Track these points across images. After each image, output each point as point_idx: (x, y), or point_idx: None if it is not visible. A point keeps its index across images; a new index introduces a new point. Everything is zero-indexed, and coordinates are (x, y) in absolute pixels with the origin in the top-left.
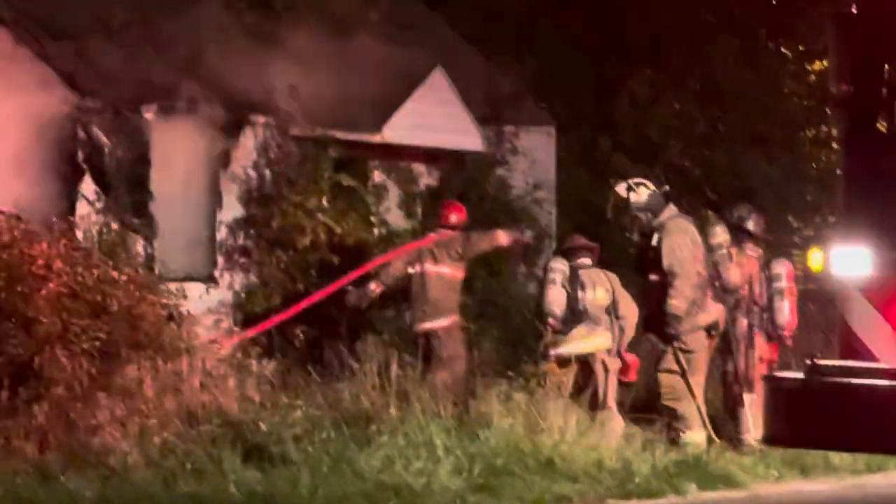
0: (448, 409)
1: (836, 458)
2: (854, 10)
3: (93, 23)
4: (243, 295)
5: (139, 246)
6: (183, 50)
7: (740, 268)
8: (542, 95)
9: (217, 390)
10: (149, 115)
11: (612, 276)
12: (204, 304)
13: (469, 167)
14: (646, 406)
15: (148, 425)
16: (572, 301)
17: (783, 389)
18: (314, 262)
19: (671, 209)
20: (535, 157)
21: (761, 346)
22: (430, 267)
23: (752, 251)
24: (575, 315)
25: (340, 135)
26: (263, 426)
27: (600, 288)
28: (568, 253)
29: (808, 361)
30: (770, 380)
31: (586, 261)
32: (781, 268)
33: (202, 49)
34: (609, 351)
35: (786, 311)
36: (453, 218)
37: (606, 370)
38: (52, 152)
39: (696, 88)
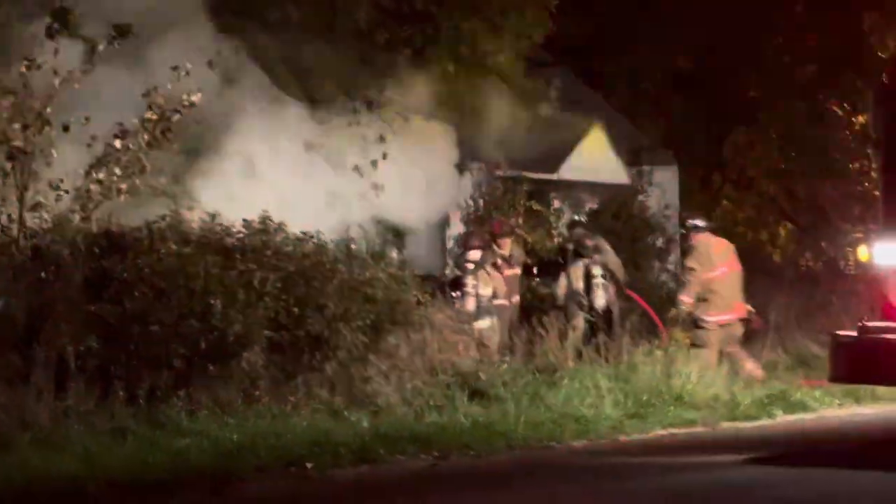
0: (609, 360)
1: (879, 390)
2: (886, 81)
3: None
4: None
5: (395, 254)
6: None
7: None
8: (669, 145)
9: (450, 351)
10: None
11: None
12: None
13: (619, 195)
14: None
15: (403, 376)
16: None
17: (842, 343)
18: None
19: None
20: (664, 188)
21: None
22: None
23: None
24: None
25: (530, 175)
26: (482, 375)
27: None
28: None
29: (860, 323)
30: (833, 336)
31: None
32: (596, 269)
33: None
34: None
35: (601, 299)
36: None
37: None
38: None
39: (778, 138)
